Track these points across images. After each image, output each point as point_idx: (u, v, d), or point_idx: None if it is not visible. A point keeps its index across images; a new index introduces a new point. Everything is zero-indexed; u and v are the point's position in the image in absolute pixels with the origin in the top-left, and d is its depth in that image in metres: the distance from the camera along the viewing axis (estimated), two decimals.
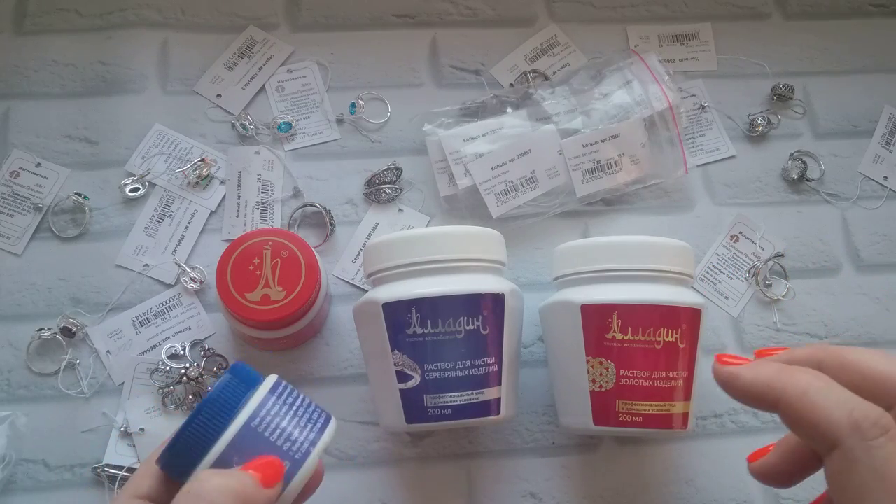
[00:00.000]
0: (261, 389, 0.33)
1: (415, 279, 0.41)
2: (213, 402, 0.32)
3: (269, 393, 0.33)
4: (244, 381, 0.33)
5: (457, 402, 0.40)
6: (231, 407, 0.32)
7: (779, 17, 0.61)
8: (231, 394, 0.33)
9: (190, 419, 0.32)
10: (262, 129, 0.54)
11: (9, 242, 0.51)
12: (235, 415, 0.32)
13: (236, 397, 0.33)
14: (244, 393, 0.33)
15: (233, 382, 0.33)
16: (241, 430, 0.32)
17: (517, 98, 0.55)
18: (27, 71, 0.54)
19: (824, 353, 0.32)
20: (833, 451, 0.29)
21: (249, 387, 0.33)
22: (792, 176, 0.55)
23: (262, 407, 0.33)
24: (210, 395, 0.32)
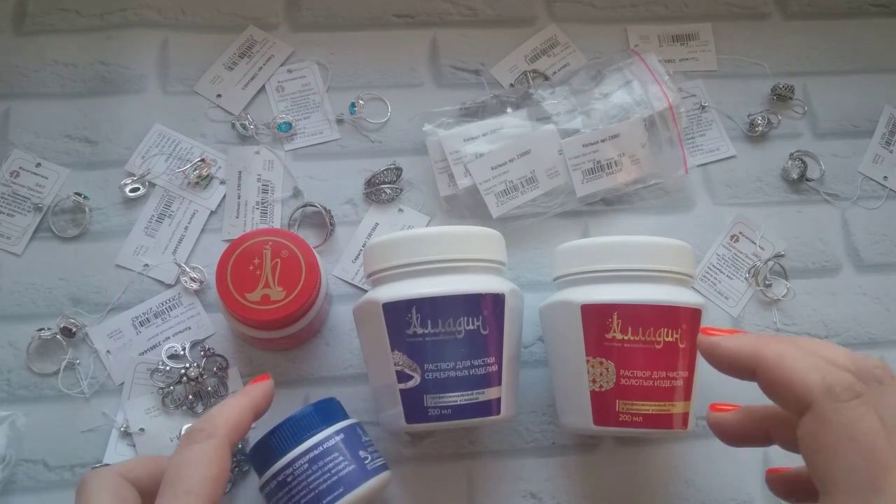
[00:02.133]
0: (329, 429, 0.40)
1: (415, 279, 0.41)
2: (290, 423, 0.40)
3: (336, 433, 0.40)
4: (323, 415, 0.41)
5: (457, 402, 0.40)
6: (301, 433, 0.40)
7: (779, 17, 0.61)
8: (307, 422, 0.40)
9: (272, 431, 0.40)
10: (262, 129, 0.54)
11: (9, 242, 0.51)
12: (302, 441, 0.40)
13: (310, 427, 0.40)
14: (318, 425, 0.41)
15: (310, 412, 0.41)
16: (299, 455, 0.39)
17: (517, 98, 0.55)
18: (27, 71, 0.54)
19: None
20: (806, 412, 0.30)
21: (325, 421, 0.41)
22: (792, 176, 0.55)
23: (321, 443, 0.40)
24: (290, 417, 0.40)
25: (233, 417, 0.36)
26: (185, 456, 0.33)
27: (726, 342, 0.34)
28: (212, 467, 0.33)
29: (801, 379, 0.30)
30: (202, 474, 0.32)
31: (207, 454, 0.33)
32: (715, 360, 0.35)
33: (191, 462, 0.32)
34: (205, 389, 0.48)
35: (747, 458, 0.49)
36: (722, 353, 0.34)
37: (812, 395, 0.30)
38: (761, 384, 0.32)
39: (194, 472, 0.32)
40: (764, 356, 0.32)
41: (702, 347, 0.35)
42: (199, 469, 0.32)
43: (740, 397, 0.51)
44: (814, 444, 0.30)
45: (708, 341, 0.35)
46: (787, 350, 0.32)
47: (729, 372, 0.34)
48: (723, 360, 0.34)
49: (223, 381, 0.48)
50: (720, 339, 0.34)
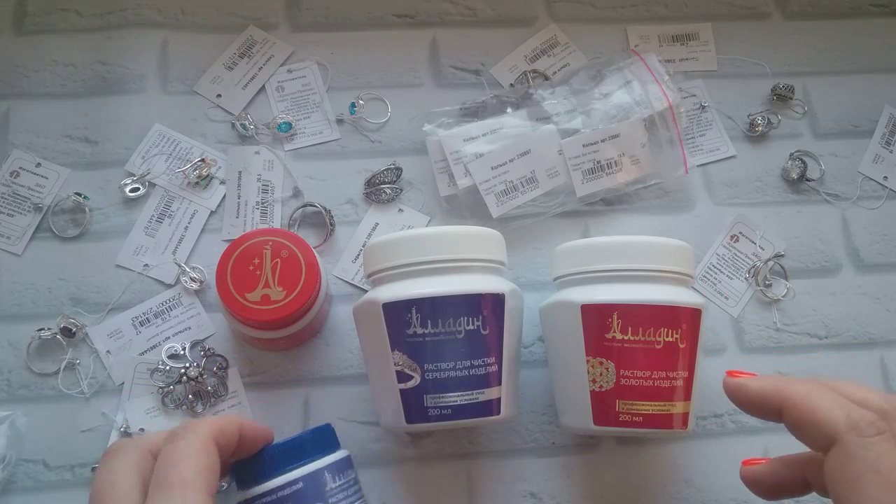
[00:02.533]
0: (317, 463, 0.40)
1: (415, 279, 0.41)
2: (282, 447, 0.39)
3: (326, 469, 0.40)
4: (317, 444, 0.41)
5: (457, 402, 0.40)
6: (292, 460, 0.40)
7: (779, 17, 0.61)
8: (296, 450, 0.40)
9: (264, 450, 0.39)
10: (262, 129, 0.54)
11: (9, 242, 0.51)
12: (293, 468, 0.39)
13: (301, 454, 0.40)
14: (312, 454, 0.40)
15: (304, 440, 0.40)
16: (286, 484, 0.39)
17: (517, 98, 0.55)
18: (27, 71, 0.54)
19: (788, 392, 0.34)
20: (832, 447, 0.31)
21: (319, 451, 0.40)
22: (792, 176, 0.55)
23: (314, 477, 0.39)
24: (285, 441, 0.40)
25: (216, 422, 0.36)
26: (173, 452, 0.33)
27: (752, 383, 0.35)
28: (201, 458, 0.33)
29: (826, 416, 0.32)
30: (194, 466, 0.32)
31: (194, 447, 0.33)
32: (741, 401, 0.36)
33: (180, 456, 0.32)
34: (205, 389, 0.48)
35: None
36: (748, 394, 0.35)
37: (837, 431, 0.31)
38: (788, 423, 0.34)
39: (185, 465, 0.32)
40: (789, 396, 0.33)
41: (728, 389, 0.36)
42: (189, 462, 0.32)
43: None
44: (839, 478, 0.31)
45: (734, 383, 0.36)
46: (813, 389, 0.33)
47: (755, 412, 0.36)
48: (749, 401, 0.35)
49: (223, 381, 0.48)
50: (746, 381, 0.36)
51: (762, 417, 0.36)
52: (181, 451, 0.33)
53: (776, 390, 0.34)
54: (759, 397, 0.35)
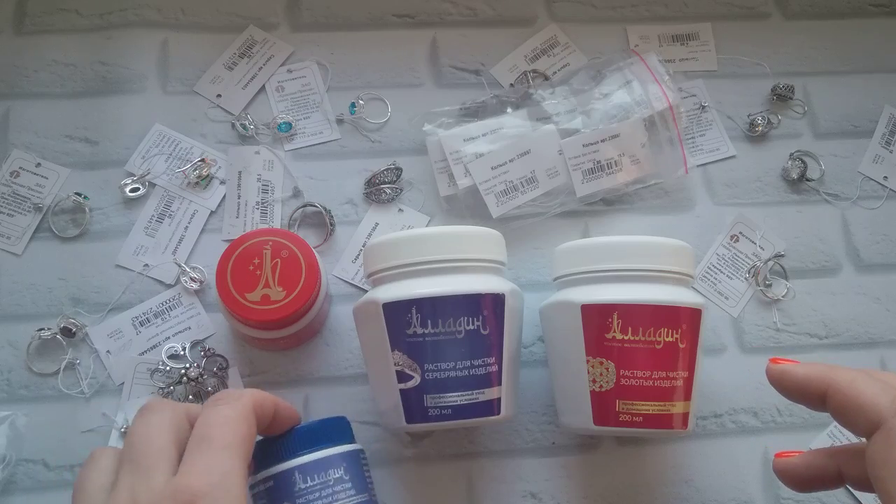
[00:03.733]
0: (350, 447, 0.40)
1: (415, 279, 0.41)
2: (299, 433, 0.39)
3: (357, 452, 0.40)
4: (342, 431, 0.41)
5: (457, 402, 0.40)
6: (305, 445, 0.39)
7: (779, 17, 0.61)
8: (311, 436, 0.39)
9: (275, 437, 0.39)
10: (262, 129, 0.54)
11: (9, 242, 0.51)
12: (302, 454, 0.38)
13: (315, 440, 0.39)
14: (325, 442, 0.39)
15: (330, 426, 0.40)
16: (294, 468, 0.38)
17: (517, 98, 0.55)
18: (27, 71, 0.54)
19: None
20: (876, 431, 0.32)
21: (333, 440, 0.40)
22: (792, 176, 0.55)
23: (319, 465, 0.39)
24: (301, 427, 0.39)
25: (257, 394, 0.35)
26: (217, 416, 0.33)
27: (796, 369, 0.35)
28: (242, 426, 0.33)
29: (871, 400, 0.32)
30: (237, 432, 0.32)
31: (238, 414, 0.33)
32: (786, 387, 0.36)
33: (224, 420, 0.32)
34: (205, 389, 0.48)
35: (747, 458, 0.49)
36: (793, 379, 0.35)
37: (882, 415, 0.31)
38: (832, 407, 0.34)
39: (229, 430, 0.32)
40: (834, 381, 0.33)
41: (771, 374, 0.36)
42: (232, 427, 0.32)
43: (739, 399, 0.51)
44: (882, 460, 0.31)
45: (778, 369, 0.36)
46: (858, 375, 0.34)
47: (799, 398, 0.36)
48: (793, 387, 0.36)
49: (223, 381, 0.48)
50: (791, 367, 0.36)
51: (805, 403, 0.36)
52: (225, 415, 0.33)
53: (821, 376, 0.34)
54: (804, 382, 0.35)
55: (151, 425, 0.32)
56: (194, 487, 0.29)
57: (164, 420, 0.32)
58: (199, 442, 0.31)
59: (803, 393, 0.35)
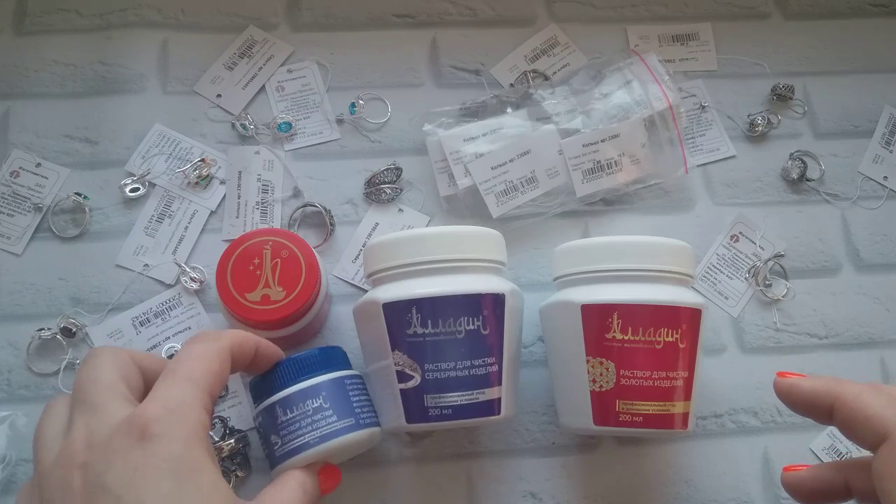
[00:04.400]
0: (335, 374, 0.41)
1: (415, 279, 0.41)
2: (292, 362, 0.41)
3: (341, 379, 0.41)
4: (329, 360, 0.42)
5: (457, 402, 0.40)
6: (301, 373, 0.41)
7: (779, 17, 0.61)
8: (307, 364, 0.41)
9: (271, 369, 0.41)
10: (262, 129, 0.54)
11: (9, 242, 0.51)
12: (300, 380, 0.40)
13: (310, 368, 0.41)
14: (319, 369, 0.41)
15: (319, 356, 0.41)
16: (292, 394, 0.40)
17: (517, 98, 0.55)
18: (27, 71, 0.54)
19: None
20: (882, 443, 0.32)
21: (325, 367, 0.41)
22: (792, 176, 0.55)
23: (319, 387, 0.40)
24: (292, 357, 0.41)
25: (236, 336, 0.36)
26: (189, 351, 0.33)
27: (804, 383, 0.36)
28: (214, 362, 0.33)
29: (877, 413, 0.33)
30: (204, 367, 0.33)
31: (211, 351, 0.34)
32: (793, 401, 0.37)
33: (193, 356, 0.33)
34: None
35: (747, 458, 0.49)
36: (800, 393, 0.36)
37: (888, 428, 0.32)
38: (839, 421, 0.34)
39: (197, 363, 0.33)
40: (841, 395, 0.34)
41: (779, 389, 0.37)
42: (201, 362, 0.33)
43: (739, 399, 0.51)
44: (888, 473, 0.31)
45: (786, 383, 0.37)
46: (864, 388, 0.34)
47: (806, 411, 0.36)
48: (801, 400, 0.36)
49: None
50: (798, 381, 0.36)
51: (812, 417, 0.36)
52: (197, 351, 0.33)
53: (828, 390, 0.35)
54: (811, 396, 0.35)
55: (96, 367, 0.32)
56: (149, 413, 0.29)
57: (107, 360, 0.33)
58: (165, 375, 0.32)
59: (811, 407, 0.36)
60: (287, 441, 0.40)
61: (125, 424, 0.29)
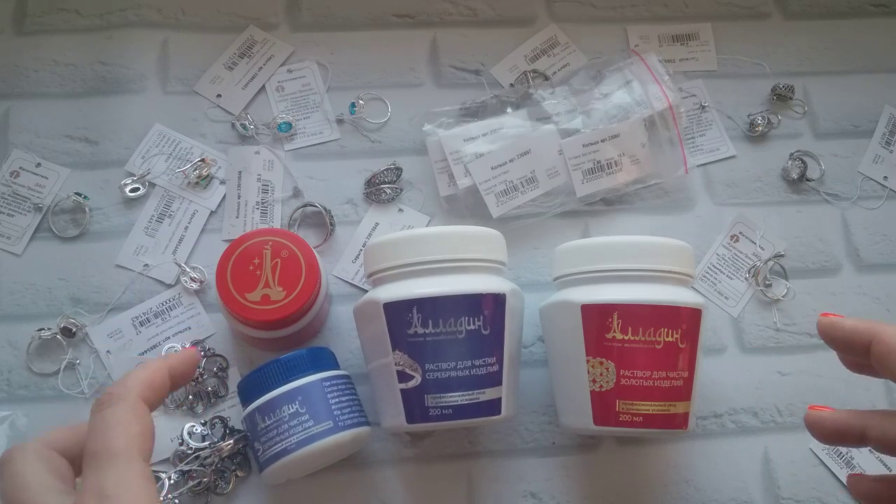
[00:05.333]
0: (312, 377, 0.42)
1: (415, 279, 0.41)
2: (279, 364, 0.42)
3: (318, 382, 0.42)
4: (311, 362, 0.43)
5: (458, 401, 0.40)
6: (287, 375, 0.42)
7: (779, 17, 0.61)
8: (293, 365, 0.42)
9: (259, 368, 0.42)
10: (262, 129, 0.54)
11: (9, 242, 0.51)
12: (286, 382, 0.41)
13: (296, 370, 0.42)
14: (306, 370, 0.42)
15: (301, 358, 0.42)
16: (278, 395, 0.41)
17: (517, 98, 0.55)
18: (27, 71, 0.54)
19: None
20: None
21: (313, 368, 0.42)
22: (792, 176, 0.55)
23: (303, 390, 0.41)
24: (281, 358, 0.42)
25: (144, 378, 0.34)
26: (101, 421, 0.31)
27: (846, 321, 0.38)
28: (131, 426, 0.31)
29: None
30: (123, 435, 0.31)
31: (123, 415, 0.31)
32: (834, 337, 0.38)
33: (108, 426, 0.31)
34: (204, 389, 0.48)
35: (747, 458, 0.49)
36: (842, 329, 0.38)
37: None
38: (875, 355, 0.36)
39: (116, 435, 0.30)
40: (880, 331, 0.36)
41: (821, 326, 0.39)
42: (119, 431, 0.31)
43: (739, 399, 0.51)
44: None
45: (827, 320, 0.38)
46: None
47: (845, 348, 0.38)
48: (842, 337, 0.38)
49: (223, 381, 0.48)
50: (839, 319, 0.38)
51: (850, 352, 0.38)
52: (109, 421, 0.31)
53: (868, 328, 0.36)
54: (851, 332, 0.37)
55: (20, 473, 0.31)
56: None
57: (29, 461, 0.32)
58: (88, 460, 0.30)
59: (850, 343, 0.37)
60: (268, 447, 0.41)
61: None
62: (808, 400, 0.50)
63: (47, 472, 0.31)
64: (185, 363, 0.38)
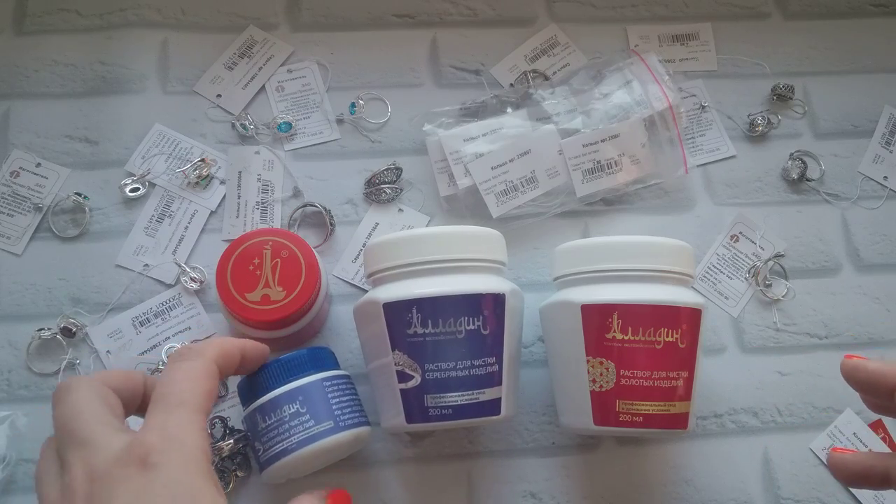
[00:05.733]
0: (313, 377, 0.41)
1: (415, 279, 0.41)
2: (281, 363, 0.41)
3: (319, 382, 0.41)
4: (312, 361, 0.42)
5: (457, 402, 0.40)
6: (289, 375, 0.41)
7: (779, 17, 0.61)
8: (294, 364, 0.41)
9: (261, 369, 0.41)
10: (262, 129, 0.54)
11: (9, 242, 0.51)
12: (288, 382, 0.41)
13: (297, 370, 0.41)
14: (306, 370, 0.42)
15: (301, 358, 0.42)
16: (279, 395, 0.41)
17: (517, 98, 0.55)
18: (27, 71, 0.54)
19: None
20: None
21: (313, 367, 0.42)
22: (792, 176, 0.55)
23: (304, 389, 0.41)
24: (281, 358, 0.41)
25: (220, 345, 0.36)
26: (176, 372, 0.33)
27: (867, 364, 0.38)
28: (201, 382, 0.33)
29: None
30: (193, 388, 0.32)
31: (197, 370, 0.33)
32: (857, 379, 0.38)
33: (181, 377, 0.33)
34: None
35: (747, 458, 0.49)
36: (864, 370, 0.38)
37: None
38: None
39: (185, 385, 0.32)
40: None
41: (844, 368, 0.38)
42: (189, 383, 0.32)
43: (739, 399, 0.51)
44: None
45: (851, 363, 0.38)
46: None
47: (868, 390, 0.38)
48: (864, 379, 0.38)
49: (223, 381, 0.48)
50: (862, 362, 0.38)
51: (873, 394, 0.38)
52: (185, 371, 0.33)
53: (893, 371, 0.36)
54: (877, 375, 0.37)
55: (75, 401, 0.32)
56: (147, 443, 0.29)
57: (84, 391, 0.32)
58: (157, 401, 0.32)
59: (874, 386, 0.37)
60: (269, 447, 0.40)
61: (124, 454, 0.29)
62: (808, 400, 0.51)
63: (102, 405, 0.32)
64: (257, 350, 0.40)
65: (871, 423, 0.50)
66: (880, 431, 0.50)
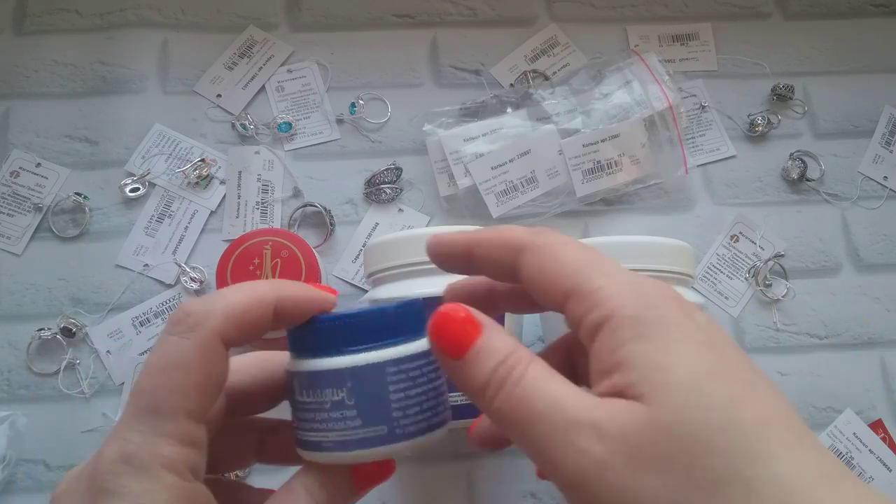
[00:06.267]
0: (375, 353, 0.27)
1: (415, 279, 0.41)
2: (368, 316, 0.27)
3: (381, 366, 0.27)
4: (385, 328, 0.28)
5: (457, 401, 0.40)
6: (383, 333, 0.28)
7: (779, 17, 0.61)
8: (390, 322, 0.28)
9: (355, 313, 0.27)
10: (262, 129, 0.54)
11: (9, 242, 0.51)
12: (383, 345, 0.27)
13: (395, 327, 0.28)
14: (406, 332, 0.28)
15: (373, 319, 0.28)
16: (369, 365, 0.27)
17: (517, 98, 0.55)
18: (27, 71, 0.54)
19: None
20: None
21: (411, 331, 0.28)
22: (792, 176, 0.55)
23: (407, 361, 0.28)
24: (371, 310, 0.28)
25: (234, 303, 0.25)
26: (158, 357, 0.23)
27: (447, 235, 0.28)
28: (192, 373, 0.23)
29: None
30: (177, 385, 0.23)
31: (186, 355, 0.23)
32: (438, 253, 0.29)
33: (164, 366, 0.23)
34: None
35: None
36: (446, 243, 0.28)
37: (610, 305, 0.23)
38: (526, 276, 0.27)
39: (166, 381, 0.23)
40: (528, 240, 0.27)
41: (429, 247, 0.29)
42: (173, 377, 0.23)
43: None
44: None
45: (433, 239, 0.29)
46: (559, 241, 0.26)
47: (451, 262, 0.29)
48: (447, 252, 0.28)
49: None
50: (442, 235, 0.29)
51: (458, 268, 0.28)
52: (168, 357, 0.23)
53: (465, 235, 0.27)
54: (452, 244, 0.27)
55: None
56: (102, 469, 0.22)
57: None
58: (127, 405, 0.23)
59: (455, 257, 0.28)
60: (303, 427, 0.28)
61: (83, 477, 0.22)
62: (808, 400, 0.50)
63: None
64: (303, 296, 0.27)
65: (871, 423, 0.50)
66: (880, 431, 0.50)
